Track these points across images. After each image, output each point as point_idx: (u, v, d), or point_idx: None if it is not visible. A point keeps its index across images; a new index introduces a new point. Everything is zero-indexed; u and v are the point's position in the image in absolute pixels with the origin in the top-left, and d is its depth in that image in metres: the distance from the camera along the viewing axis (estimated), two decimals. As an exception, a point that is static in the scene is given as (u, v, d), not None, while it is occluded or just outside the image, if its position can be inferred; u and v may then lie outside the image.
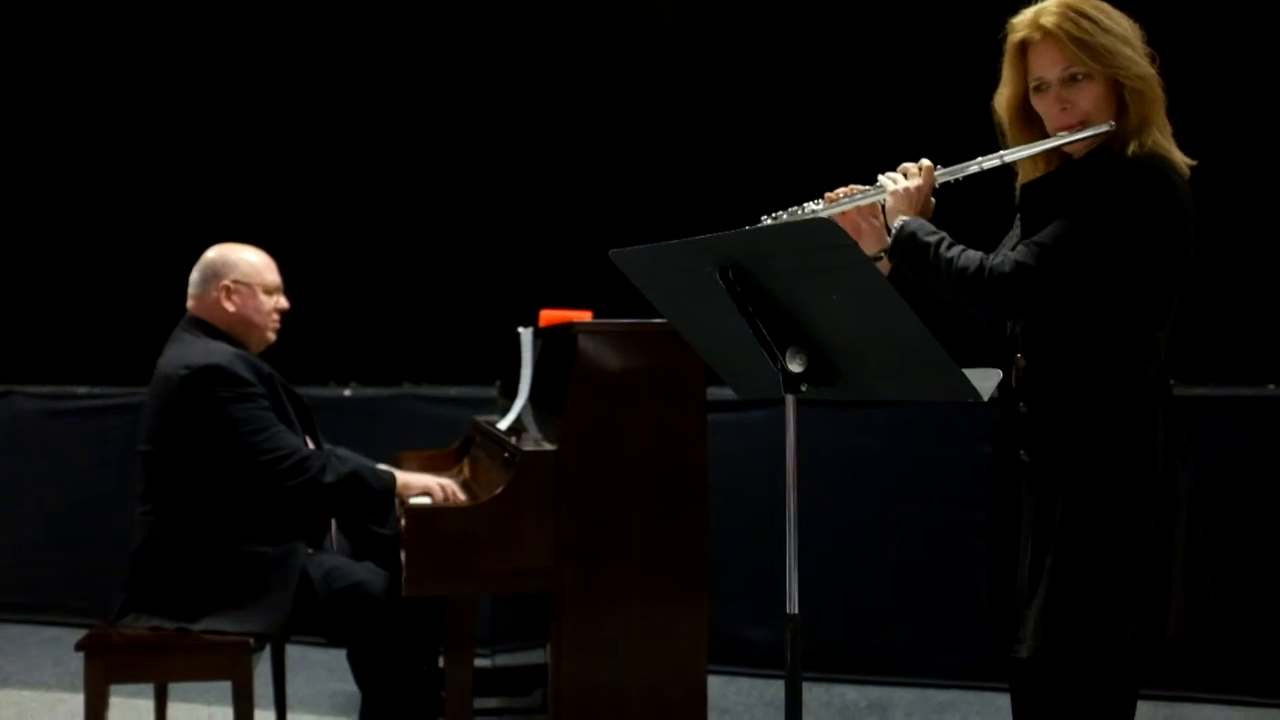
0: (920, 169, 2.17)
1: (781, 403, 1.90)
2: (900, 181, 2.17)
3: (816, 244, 1.73)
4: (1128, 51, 2.05)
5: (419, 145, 5.75)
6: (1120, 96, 2.06)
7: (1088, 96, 2.06)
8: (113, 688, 2.96)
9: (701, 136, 5.34)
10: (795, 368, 1.86)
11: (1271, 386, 4.18)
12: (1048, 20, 2.07)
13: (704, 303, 1.94)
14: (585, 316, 3.24)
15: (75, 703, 3.81)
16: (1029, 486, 2.11)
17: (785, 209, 2.23)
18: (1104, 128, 2.06)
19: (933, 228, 2.12)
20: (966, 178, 2.17)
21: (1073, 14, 2.05)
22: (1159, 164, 2.02)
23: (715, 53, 5.39)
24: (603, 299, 3.44)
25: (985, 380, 1.85)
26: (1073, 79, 2.06)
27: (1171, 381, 2.14)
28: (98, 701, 2.93)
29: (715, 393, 2.93)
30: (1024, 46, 2.12)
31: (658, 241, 1.96)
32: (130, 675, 3.03)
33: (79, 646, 2.96)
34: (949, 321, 2.08)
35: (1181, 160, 2.08)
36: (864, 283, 1.74)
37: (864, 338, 1.83)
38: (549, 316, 3.33)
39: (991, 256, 2.06)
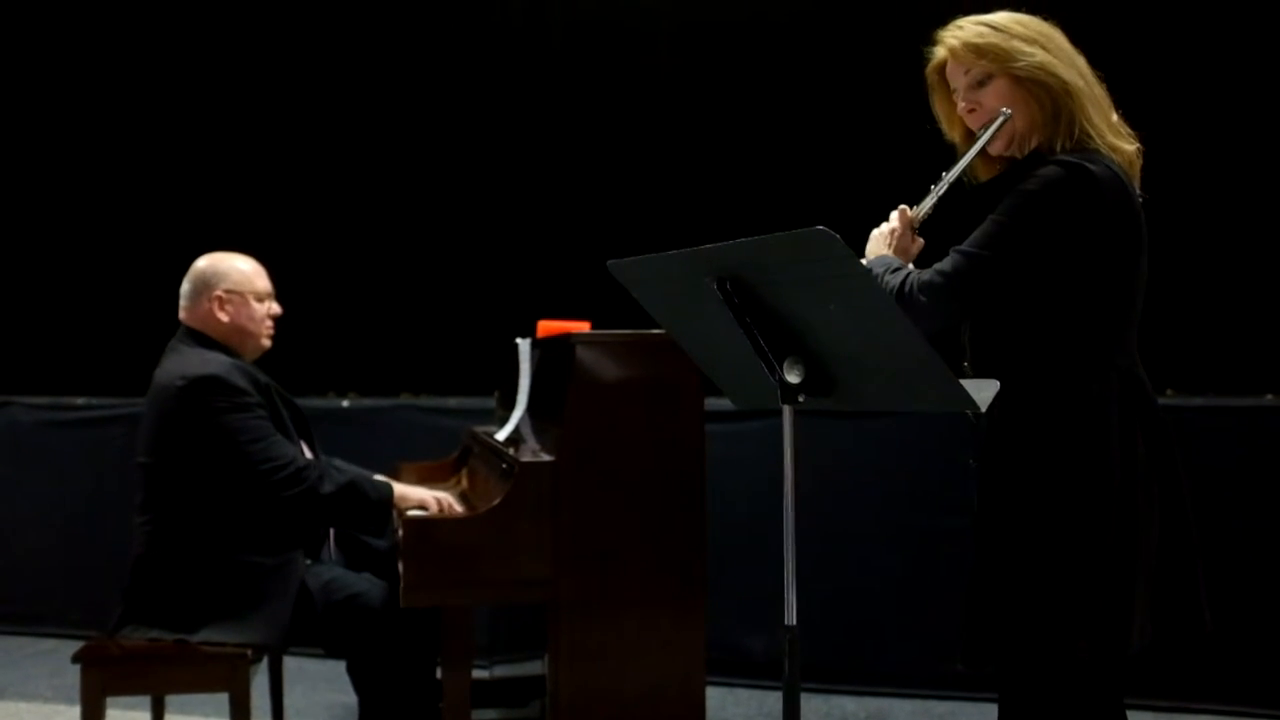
0: (896, 212, 2.27)
1: (779, 413, 1.90)
2: (881, 228, 2.28)
3: (814, 254, 1.73)
4: (1022, 46, 2.13)
5: (418, 156, 5.76)
6: (1030, 90, 2.13)
7: (991, 95, 2.16)
8: (109, 700, 2.95)
9: (699, 147, 5.35)
10: (793, 378, 1.86)
11: (1270, 397, 4.18)
12: (946, 38, 2.21)
13: (702, 313, 1.94)
14: (583, 327, 3.24)
15: (72, 715, 3.80)
16: (978, 494, 2.14)
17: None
18: (999, 117, 2.14)
19: (889, 261, 2.18)
20: (959, 212, 2.22)
21: (969, 25, 2.19)
22: (1076, 158, 2.05)
23: (714, 64, 5.40)
24: (601, 310, 3.44)
25: (982, 391, 1.85)
26: (978, 83, 2.18)
27: (1170, 392, 2.15)
28: (94, 714, 2.92)
29: (713, 403, 2.92)
30: (941, 68, 2.25)
31: (655, 252, 1.97)
32: (127, 687, 3.01)
33: (76, 658, 2.95)
34: (946, 332, 2.09)
35: (1116, 147, 2.12)
36: (861, 293, 1.74)
37: (861, 348, 1.83)
38: (547, 327, 3.33)
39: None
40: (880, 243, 2.24)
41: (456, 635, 2.83)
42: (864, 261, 2.19)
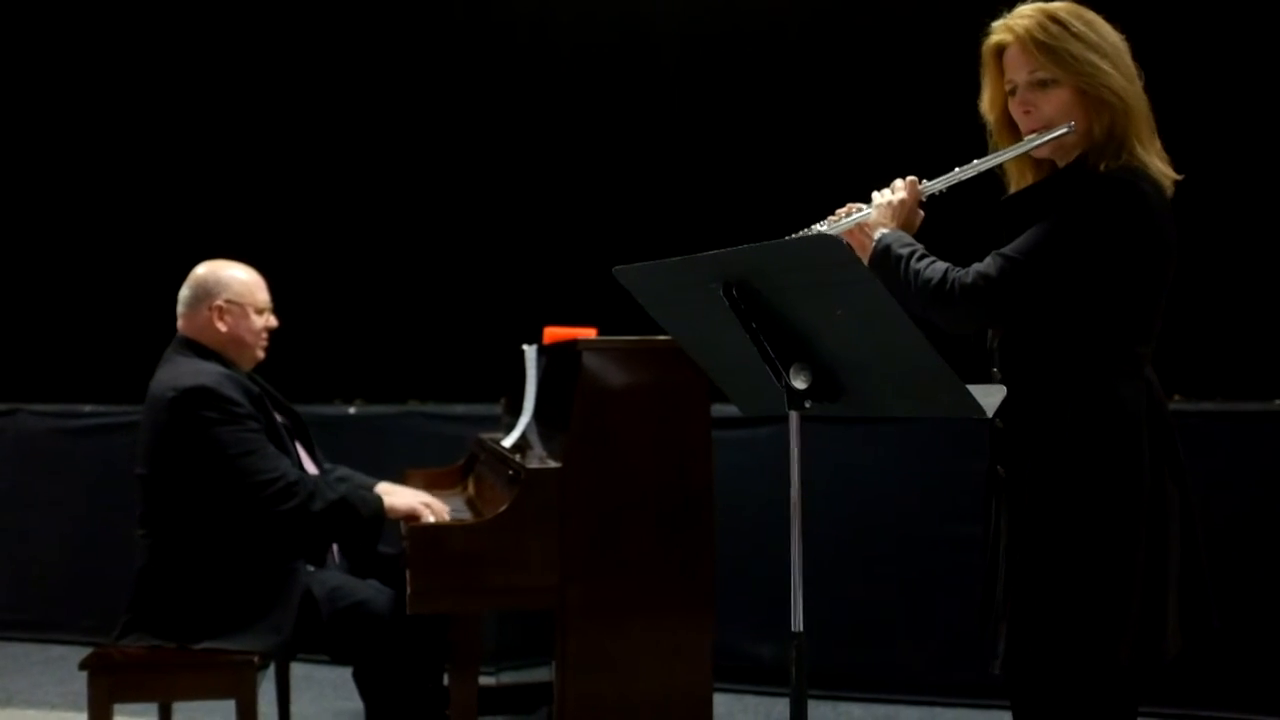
0: (906, 183, 2.21)
1: (786, 419, 1.90)
2: (886, 195, 2.21)
3: (820, 260, 1.73)
4: (1097, 61, 2.05)
5: (424, 164, 5.77)
6: (1093, 106, 2.06)
7: (1051, 102, 2.08)
8: (117, 707, 2.94)
9: (705, 154, 5.35)
10: (799, 384, 1.86)
11: (1278, 402, 4.17)
12: (1018, 24, 2.10)
13: (708, 319, 1.94)
14: (590, 334, 3.24)
15: (79, 722, 3.81)
16: (1005, 502, 2.12)
17: (795, 233, 2.23)
18: (1063, 129, 2.07)
19: (909, 240, 2.14)
20: (962, 191, 2.19)
21: (1045, 19, 2.08)
22: (1129, 177, 2.02)
23: (719, 71, 5.41)
24: (607, 316, 3.44)
25: (990, 396, 1.85)
26: (1040, 84, 2.09)
27: (1178, 397, 2.15)
28: (101, 721, 2.92)
29: (720, 409, 2.92)
30: (1000, 50, 2.15)
31: (661, 258, 1.96)
32: (134, 695, 3.01)
33: (83, 665, 2.95)
34: (954, 337, 2.09)
35: (1163, 173, 2.08)
36: (868, 298, 1.73)
37: (868, 354, 1.83)
38: (553, 334, 3.33)
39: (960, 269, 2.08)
40: (888, 213, 2.19)
41: (463, 642, 2.83)
42: (879, 233, 2.16)
